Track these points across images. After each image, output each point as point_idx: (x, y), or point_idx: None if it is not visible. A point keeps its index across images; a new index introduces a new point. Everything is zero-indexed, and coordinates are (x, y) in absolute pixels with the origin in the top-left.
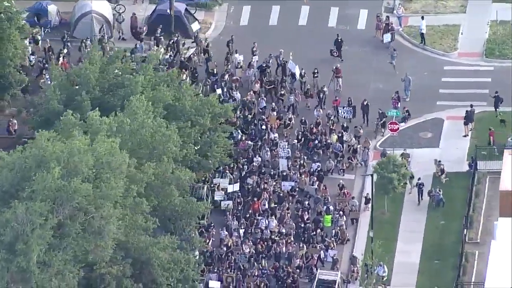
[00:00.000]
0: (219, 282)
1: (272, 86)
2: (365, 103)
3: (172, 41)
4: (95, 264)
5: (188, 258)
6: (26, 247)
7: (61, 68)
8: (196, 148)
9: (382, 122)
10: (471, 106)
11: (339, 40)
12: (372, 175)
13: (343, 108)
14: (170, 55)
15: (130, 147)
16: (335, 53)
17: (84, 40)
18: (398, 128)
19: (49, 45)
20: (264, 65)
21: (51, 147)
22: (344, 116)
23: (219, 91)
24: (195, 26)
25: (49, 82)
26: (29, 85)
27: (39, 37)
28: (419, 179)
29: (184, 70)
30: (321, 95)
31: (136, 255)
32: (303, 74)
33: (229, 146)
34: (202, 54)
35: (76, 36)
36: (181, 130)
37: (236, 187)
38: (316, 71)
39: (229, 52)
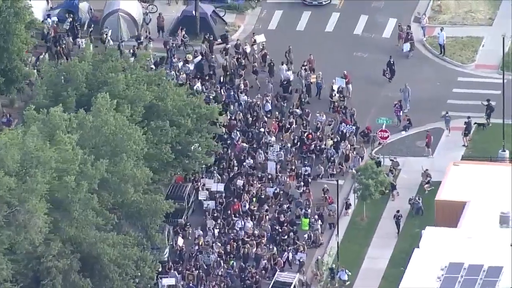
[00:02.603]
0: (174, 278)
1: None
2: (366, 131)
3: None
4: (42, 257)
5: (144, 255)
6: None
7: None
8: (178, 148)
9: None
10: (468, 117)
11: (391, 62)
12: (337, 181)
13: (347, 125)
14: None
15: (93, 144)
16: (387, 74)
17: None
18: (388, 136)
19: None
20: (285, 82)
21: None
22: (345, 131)
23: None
24: (259, 38)
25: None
26: None
27: (106, 36)
28: (398, 211)
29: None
30: (344, 111)
31: (87, 250)
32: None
33: (213, 147)
34: (261, 60)
35: (92, 35)
36: (158, 129)
37: (220, 187)
38: (347, 94)
39: (287, 61)
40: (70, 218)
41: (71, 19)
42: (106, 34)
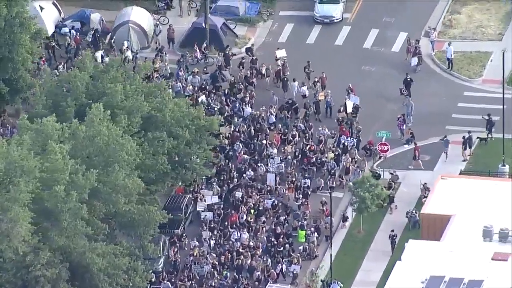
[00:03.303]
0: None
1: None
2: (368, 145)
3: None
4: (31, 266)
5: (135, 265)
6: None
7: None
8: (177, 159)
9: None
10: (469, 132)
11: (408, 79)
12: (330, 193)
13: (347, 138)
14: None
15: (87, 154)
16: (404, 91)
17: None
18: (387, 149)
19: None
20: (290, 101)
21: None
22: (346, 143)
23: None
24: (280, 53)
25: None
26: None
27: (125, 49)
28: (392, 230)
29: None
30: (350, 126)
31: (77, 259)
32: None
33: (211, 159)
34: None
35: (115, 46)
36: (155, 140)
37: (215, 199)
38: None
39: (306, 76)
40: (60, 227)
41: (93, 31)
42: (128, 47)
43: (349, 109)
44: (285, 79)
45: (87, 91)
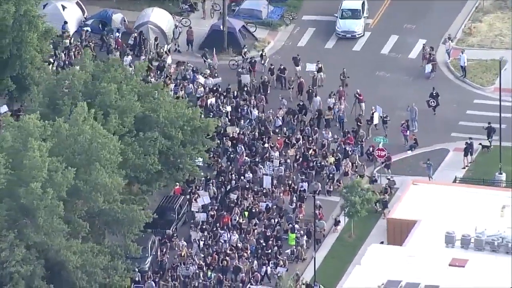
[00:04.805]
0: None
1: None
2: (370, 149)
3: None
4: (5, 262)
5: (115, 264)
6: None
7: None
8: (172, 159)
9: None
10: (470, 139)
11: (434, 94)
12: (314, 197)
13: (353, 147)
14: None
15: (71, 152)
16: (432, 102)
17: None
18: (385, 154)
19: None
20: (301, 104)
21: None
22: (351, 151)
23: (229, 108)
24: (310, 67)
25: None
26: None
27: (163, 50)
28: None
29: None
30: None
31: (53, 257)
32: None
33: (207, 160)
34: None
35: (157, 49)
36: (147, 140)
37: (207, 200)
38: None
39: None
40: (36, 224)
41: (136, 34)
42: (163, 48)
43: (376, 121)
44: (310, 90)
45: (85, 90)
